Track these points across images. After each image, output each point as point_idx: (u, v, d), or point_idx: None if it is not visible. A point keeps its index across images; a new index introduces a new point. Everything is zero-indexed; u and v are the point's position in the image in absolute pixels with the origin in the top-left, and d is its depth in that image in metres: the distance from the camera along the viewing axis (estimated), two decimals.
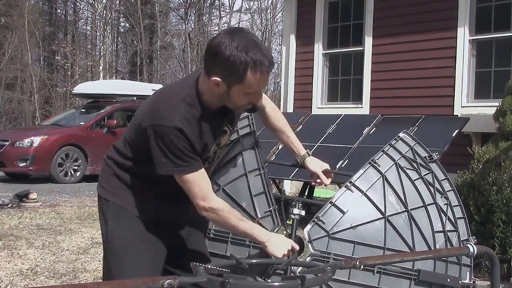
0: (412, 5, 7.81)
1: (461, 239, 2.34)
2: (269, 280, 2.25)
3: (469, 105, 7.27)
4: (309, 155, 2.48)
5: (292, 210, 2.34)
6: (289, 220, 2.39)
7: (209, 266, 1.46)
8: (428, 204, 2.30)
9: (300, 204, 2.35)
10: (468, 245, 1.70)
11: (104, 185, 2.20)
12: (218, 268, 1.51)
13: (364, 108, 8.27)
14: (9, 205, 7.49)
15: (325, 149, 6.67)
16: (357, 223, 2.23)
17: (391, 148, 2.38)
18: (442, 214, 2.30)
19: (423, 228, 2.26)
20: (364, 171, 2.31)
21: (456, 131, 6.08)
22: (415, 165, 2.36)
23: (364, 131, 6.74)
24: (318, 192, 7.80)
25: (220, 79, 1.89)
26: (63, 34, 29.22)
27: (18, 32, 23.06)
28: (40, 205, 7.73)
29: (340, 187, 7.13)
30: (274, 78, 28.99)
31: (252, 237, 2.12)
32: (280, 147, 6.87)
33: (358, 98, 8.47)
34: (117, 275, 2.07)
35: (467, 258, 2.29)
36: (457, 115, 7.14)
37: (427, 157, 2.43)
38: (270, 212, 2.40)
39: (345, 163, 6.40)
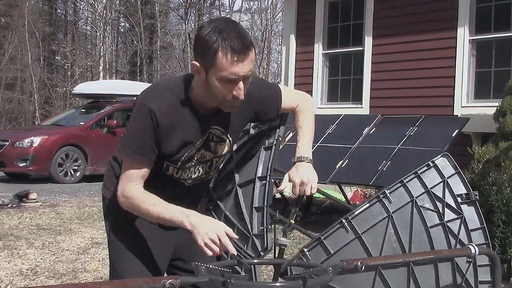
0: (412, 5, 7.82)
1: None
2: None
3: (469, 105, 7.27)
4: (300, 161, 2.09)
5: (278, 239, 2.11)
6: (293, 220, 2.31)
7: (211, 266, 1.46)
8: (441, 261, 1.87)
9: (289, 233, 2.13)
10: (469, 245, 1.69)
11: (108, 186, 2.19)
12: (219, 268, 1.51)
13: (364, 108, 8.27)
14: (9, 205, 7.49)
15: (325, 149, 6.67)
16: None
17: (415, 178, 1.94)
18: (458, 275, 1.88)
19: None
20: (369, 207, 1.94)
21: (456, 131, 6.08)
22: (440, 206, 1.91)
23: (364, 131, 6.74)
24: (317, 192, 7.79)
25: (197, 63, 1.88)
26: (63, 34, 29.23)
27: (18, 32, 23.06)
28: (40, 205, 7.73)
29: (340, 187, 7.15)
30: (274, 78, 29.00)
31: (172, 222, 1.87)
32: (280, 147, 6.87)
33: (358, 98, 8.47)
34: (121, 275, 2.07)
35: None
36: (457, 115, 7.14)
37: (463, 195, 1.93)
38: (262, 231, 2.20)
39: (345, 163, 6.40)
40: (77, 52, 25.31)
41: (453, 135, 6.02)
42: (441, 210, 1.91)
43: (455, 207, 1.92)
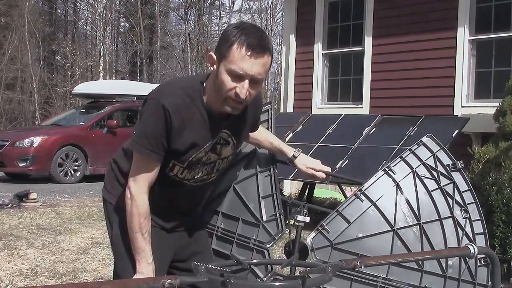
0: (412, 5, 7.82)
1: (479, 257, 2.17)
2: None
3: (469, 105, 7.27)
4: (299, 152, 2.39)
5: (296, 217, 2.26)
6: (292, 220, 2.36)
7: (210, 266, 1.46)
8: (444, 218, 2.16)
9: (305, 211, 2.28)
10: (469, 245, 1.69)
11: (109, 189, 2.20)
12: (219, 268, 1.50)
13: (364, 108, 8.27)
14: (9, 205, 7.49)
15: (325, 149, 6.67)
16: (363, 234, 2.13)
17: (411, 154, 2.23)
18: (459, 229, 2.17)
19: (435, 243, 2.13)
20: (377, 179, 2.18)
21: (456, 131, 6.07)
22: (435, 174, 2.22)
23: (364, 131, 6.73)
24: (318, 192, 7.80)
25: (213, 53, 1.91)
26: (63, 34, 29.24)
27: (18, 32, 23.07)
28: (40, 205, 7.73)
29: (340, 187, 7.15)
30: (274, 78, 28.99)
31: (134, 253, 2.03)
32: None
33: (358, 98, 8.47)
34: (123, 277, 2.08)
35: (484, 277, 2.18)
36: (457, 115, 7.14)
37: (450, 165, 2.26)
38: (275, 216, 2.33)
39: (345, 163, 6.40)
40: (77, 52, 25.32)
41: (453, 135, 6.01)
42: (436, 178, 2.22)
43: (447, 174, 2.24)
